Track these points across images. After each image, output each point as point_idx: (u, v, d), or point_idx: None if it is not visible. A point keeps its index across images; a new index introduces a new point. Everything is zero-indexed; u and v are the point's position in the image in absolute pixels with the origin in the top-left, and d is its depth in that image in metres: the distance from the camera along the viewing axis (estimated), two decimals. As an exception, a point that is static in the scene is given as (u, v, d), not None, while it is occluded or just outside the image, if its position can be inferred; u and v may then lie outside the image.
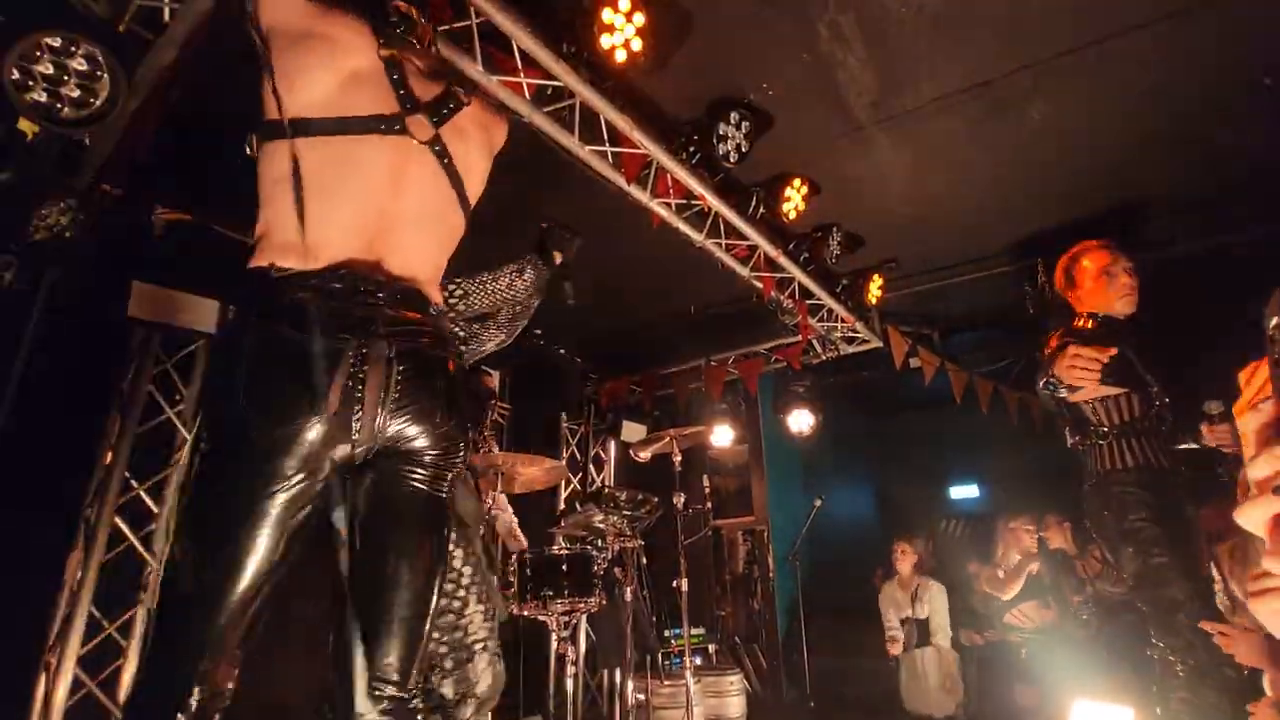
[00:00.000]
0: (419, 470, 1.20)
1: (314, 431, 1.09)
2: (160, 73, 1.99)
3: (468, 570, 1.75)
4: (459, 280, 1.87)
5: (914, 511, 6.15)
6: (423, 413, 1.18)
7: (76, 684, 2.54)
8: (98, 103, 1.81)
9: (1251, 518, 0.45)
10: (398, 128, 1.23)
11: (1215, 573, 1.98)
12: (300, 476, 1.10)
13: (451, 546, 1.67)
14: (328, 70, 1.21)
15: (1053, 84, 2.70)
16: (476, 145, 1.38)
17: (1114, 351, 1.77)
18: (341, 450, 1.13)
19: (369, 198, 1.22)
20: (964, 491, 6.83)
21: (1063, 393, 1.99)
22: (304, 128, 1.18)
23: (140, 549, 2.90)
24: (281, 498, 1.08)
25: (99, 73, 1.79)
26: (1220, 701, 1.76)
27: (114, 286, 2.90)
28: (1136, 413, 2.00)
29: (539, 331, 5.00)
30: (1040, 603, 4.11)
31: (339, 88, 1.21)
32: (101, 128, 1.87)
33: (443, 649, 1.64)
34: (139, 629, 2.79)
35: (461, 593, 1.71)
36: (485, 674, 1.68)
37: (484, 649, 1.68)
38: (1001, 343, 4.88)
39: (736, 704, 3.99)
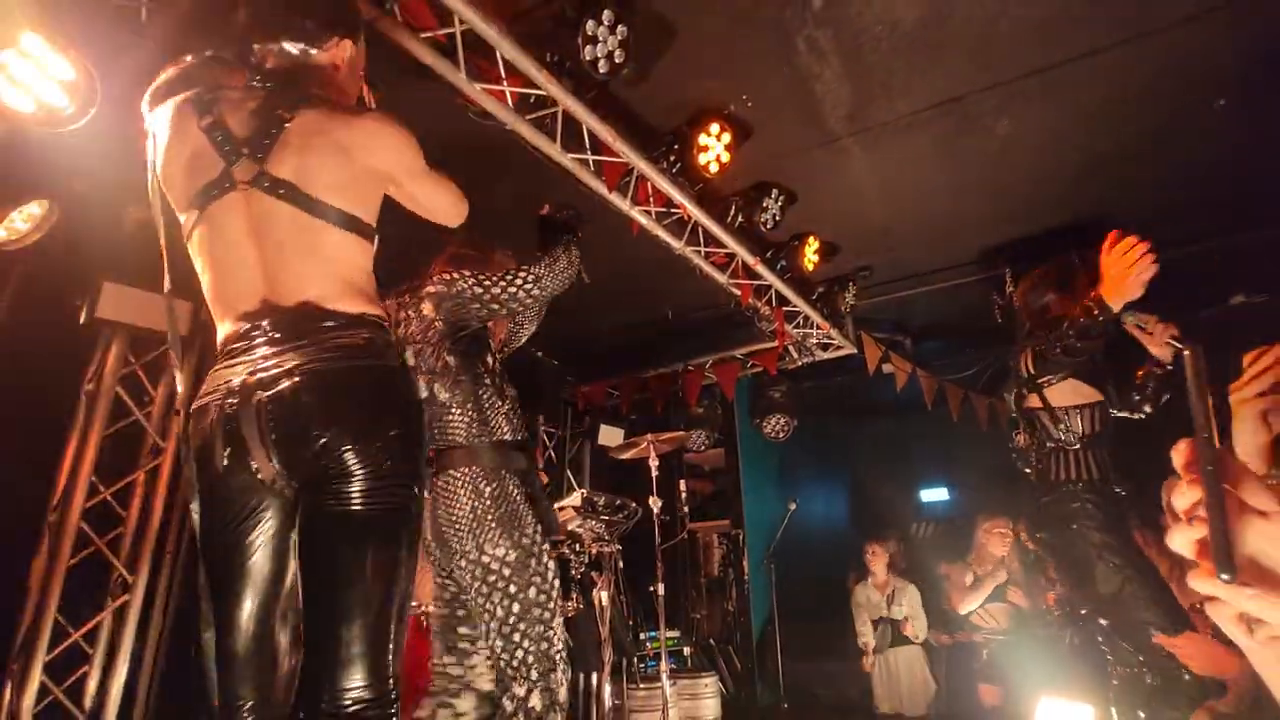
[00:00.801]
0: (340, 493, 1.18)
1: (232, 477, 1.23)
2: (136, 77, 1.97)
3: (557, 583, 1.72)
4: (527, 266, 1.90)
5: (886, 514, 6.25)
6: (299, 447, 1.19)
7: (43, 691, 2.48)
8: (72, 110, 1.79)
9: (1178, 543, 0.50)
10: (227, 185, 1.26)
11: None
12: (244, 513, 1.24)
13: (546, 559, 1.70)
14: (176, 166, 1.31)
15: (1018, 103, 2.81)
16: (325, 149, 1.29)
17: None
18: (267, 488, 1.24)
19: (244, 257, 1.27)
20: (934, 494, 6.96)
21: (1050, 374, 1.98)
22: (184, 229, 1.32)
23: (107, 554, 2.85)
24: (242, 533, 1.23)
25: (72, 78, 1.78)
26: (1184, 715, 1.81)
27: (83, 286, 2.85)
28: (1099, 426, 2.02)
29: (517, 335, 5.00)
30: (1005, 605, 4.23)
31: (186, 176, 1.30)
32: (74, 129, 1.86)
33: (530, 659, 1.61)
34: (105, 635, 2.74)
35: (552, 605, 1.68)
36: (564, 685, 1.68)
37: (563, 659, 1.69)
38: (970, 350, 5.01)
39: (711, 706, 4.02)
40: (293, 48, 1.35)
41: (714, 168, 2.84)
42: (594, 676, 3.28)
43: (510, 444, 1.82)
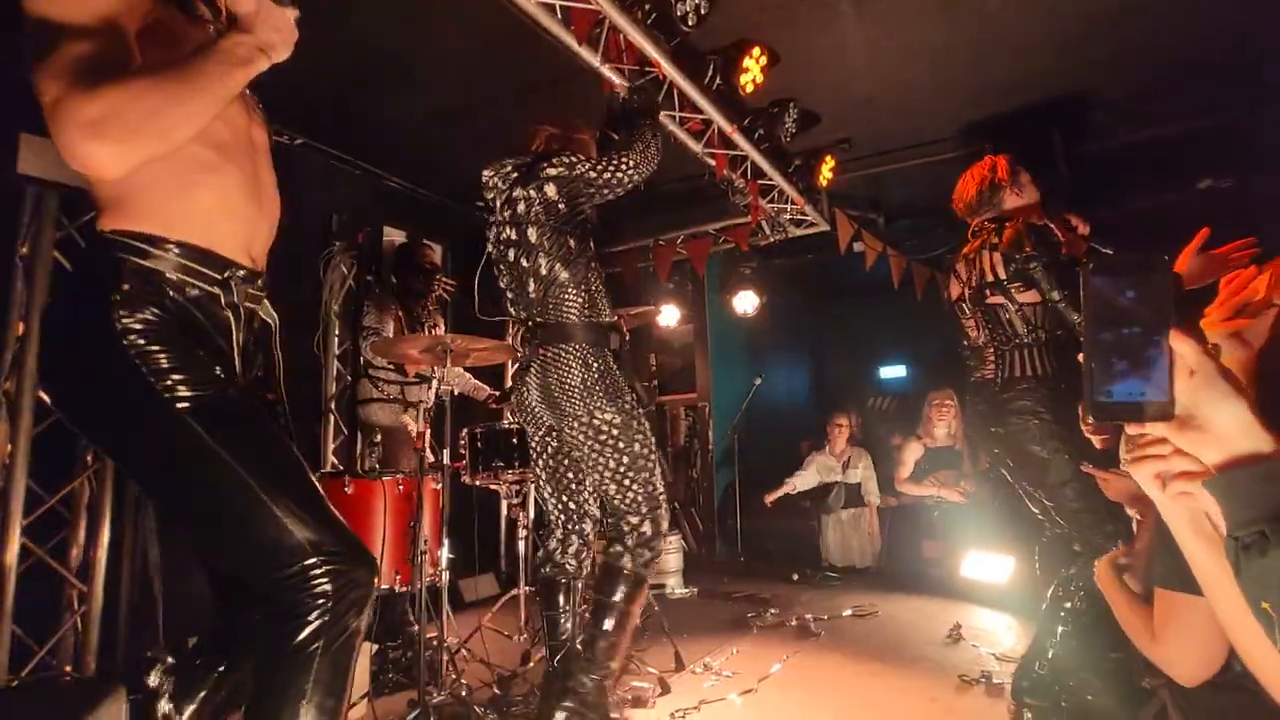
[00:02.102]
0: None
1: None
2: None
3: (652, 440, 2.01)
4: (625, 153, 2.02)
5: (846, 389, 6.53)
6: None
7: (24, 553, 2.54)
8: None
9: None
10: None
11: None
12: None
13: (644, 420, 2.00)
14: None
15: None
16: None
17: None
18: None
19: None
20: (892, 372, 7.25)
21: (1007, 291, 2.02)
22: None
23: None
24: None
25: None
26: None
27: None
28: (1054, 324, 2.04)
29: (480, 203, 4.80)
30: (953, 471, 4.56)
31: None
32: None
33: (640, 497, 1.95)
34: (85, 499, 2.77)
35: (653, 456, 2.00)
36: (667, 517, 2.04)
37: (664, 498, 2.02)
38: (940, 230, 5.00)
39: (674, 560, 4.36)
40: None
41: (692, 19, 2.62)
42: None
43: (608, 325, 2.04)
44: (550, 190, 1.96)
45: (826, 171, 4.01)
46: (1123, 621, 1.31)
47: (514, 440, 2.92)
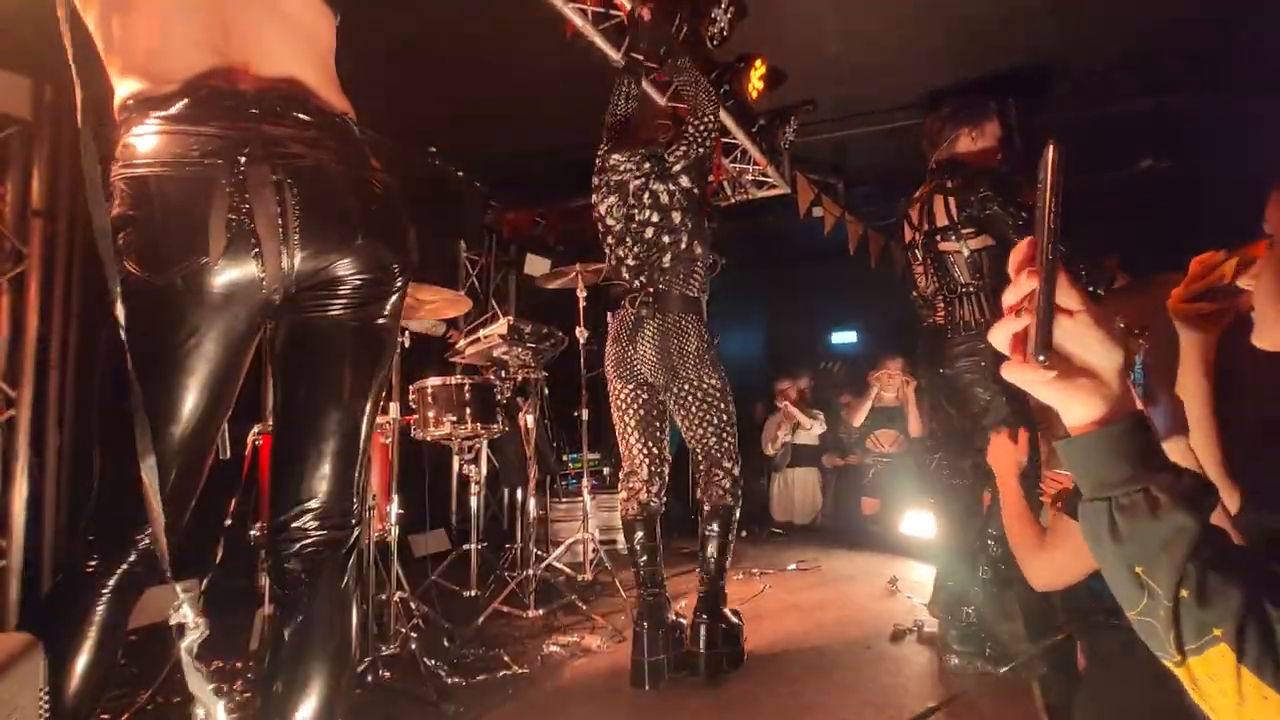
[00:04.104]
0: (339, 300, 1.08)
1: (209, 275, 0.97)
2: None
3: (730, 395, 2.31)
4: (696, 109, 2.28)
5: (798, 353, 6.64)
6: (336, 240, 1.04)
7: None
8: None
9: (998, 337, 0.55)
10: None
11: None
12: (212, 325, 1.00)
13: (704, 372, 2.23)
14: None
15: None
16: None
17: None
18: (254, 296, 1.01)
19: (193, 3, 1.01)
20: (844, 337, 7.41)
21: (956, 237, 2.05)
22: None
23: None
24: (197, 347, 0.99)
25: None
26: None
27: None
28: (995, 270, 2.09)
29: (433, 149, 4.59)
30: (896, 430, 4.72)
31: None
32: None
33: (734, 447, 2.32)
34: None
35: (731, 408, 2.33)
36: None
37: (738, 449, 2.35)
38: (901, 198, 5.06)
39: (626, 517, 4.42)
40: None
41: (663, -37, 2.51)
42: (519, 491, 3.47)
43: (706, 302, 2.35)
44: (684, 180, 2.25)
45: (790, 133, 3.97)
46: (1008, 521, 1.41)
47: (466, 395, 2.86)
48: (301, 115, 1.04)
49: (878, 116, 4.17)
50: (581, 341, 3.39)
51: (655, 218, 2.25)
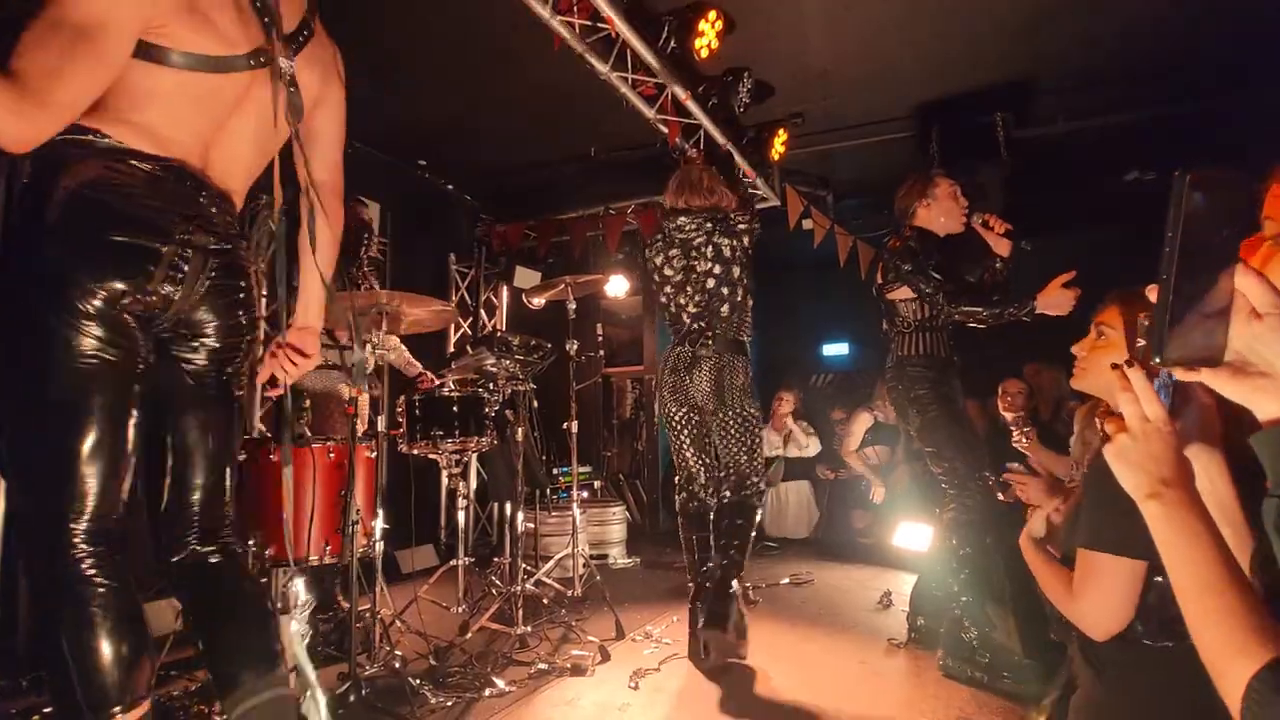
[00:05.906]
0: (200, 354, 1.34)
1: (130, 293, 1.16)
2: None
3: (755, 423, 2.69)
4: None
5: (789, 365, 6.63)
6: (221, 308, 1.32)
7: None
8: None
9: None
10: (262, 60, 1.26)
11: (1075, 426, 2.52)
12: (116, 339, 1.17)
13: (746, 402, 2.65)
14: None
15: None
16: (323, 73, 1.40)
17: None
18: (147, 320, 1.22)
19: (218, 113, 1.26)
20: (836, 349, 7.41)
21: (890, 289, 2.52)
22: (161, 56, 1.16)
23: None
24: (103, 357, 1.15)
25: None
26: (982, 512, 2.30)
27: None
28: (928, 313, 2.48)
29: (423, 162, 4.60)
30: (888, 448, 4.70)
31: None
32: None
33: (760, 464, 2.69)
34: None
35: (761, 433, 2.72)
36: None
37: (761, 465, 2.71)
38: (888, 210, 5.10)
39: (618, 531, 4.37)
40: None
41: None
42: (508, 505, 3.43)
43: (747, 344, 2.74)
44: (746, 240, 2.65)
45: (779, 145, 4.00)
46: (1043, 582, 1.37)
47: (455, 408, 2.82)
48: (230, 212, 1.35)
49: (866, 129, 4.20)
50: (571, 354, 3.36)
51: (717, 269, 2.63)
